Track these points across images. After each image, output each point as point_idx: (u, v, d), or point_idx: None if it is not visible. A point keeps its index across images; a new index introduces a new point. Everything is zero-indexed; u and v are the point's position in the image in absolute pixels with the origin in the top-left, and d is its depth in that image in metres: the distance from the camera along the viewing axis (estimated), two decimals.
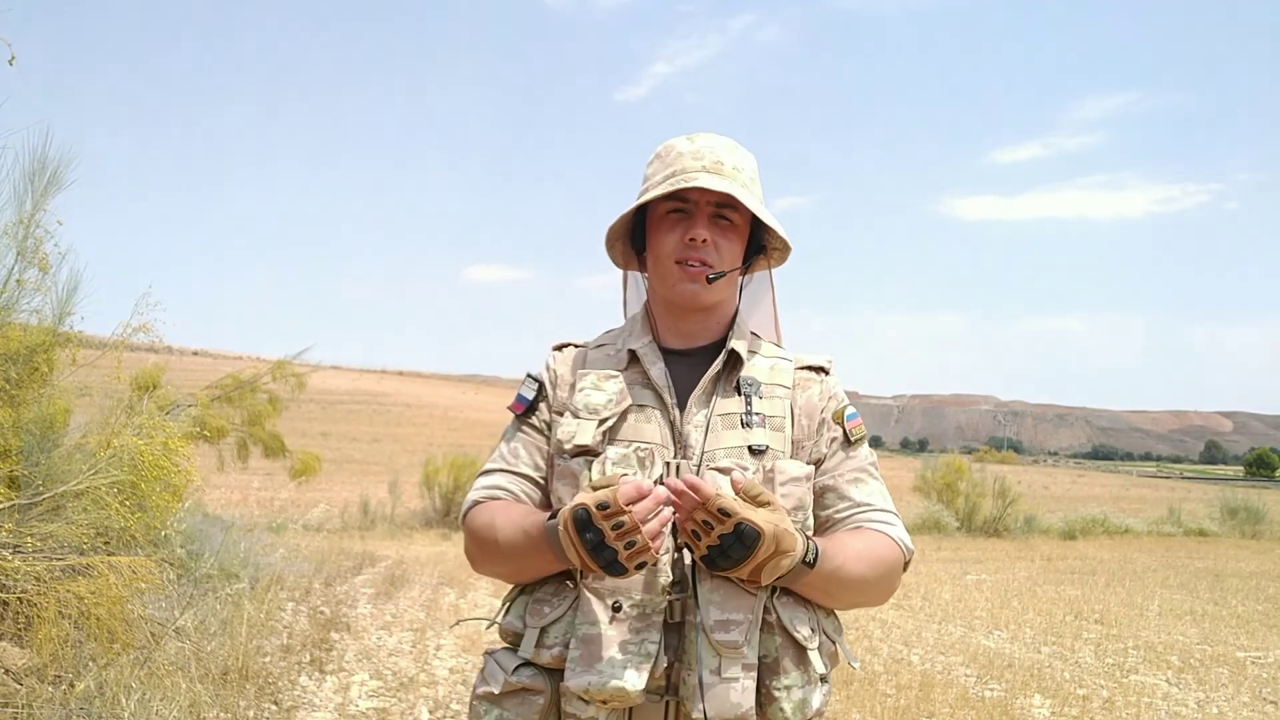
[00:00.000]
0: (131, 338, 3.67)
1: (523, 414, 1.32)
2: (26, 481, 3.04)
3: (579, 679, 1.09)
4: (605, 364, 1.29)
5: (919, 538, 12.17)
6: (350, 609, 5.79)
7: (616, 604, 1.12)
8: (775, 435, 1.22)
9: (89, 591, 2.90)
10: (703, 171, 1.21)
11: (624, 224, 1.29)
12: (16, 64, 2.51)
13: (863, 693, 4.33)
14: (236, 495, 11.32)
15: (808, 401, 1.27)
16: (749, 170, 1.26)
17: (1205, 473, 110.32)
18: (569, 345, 1.35)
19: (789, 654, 1.14)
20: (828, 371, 1.30)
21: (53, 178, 3.18)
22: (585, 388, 1.24)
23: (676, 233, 1.23)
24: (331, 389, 42.16)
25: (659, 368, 1.25)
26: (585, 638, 1.11)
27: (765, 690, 1.13)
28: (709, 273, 1.22)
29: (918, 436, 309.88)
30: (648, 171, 1.28)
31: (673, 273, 1.24)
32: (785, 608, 1.15)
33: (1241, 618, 6.99)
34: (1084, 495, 23.06)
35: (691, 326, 1.29)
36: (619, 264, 1.38)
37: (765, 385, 1.26)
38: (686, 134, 1.28)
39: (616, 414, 1.21)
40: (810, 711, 1.14)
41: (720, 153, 1.24)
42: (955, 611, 6.71)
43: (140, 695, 3.03)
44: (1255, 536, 14.77)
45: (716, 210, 1.23)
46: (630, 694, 1.08)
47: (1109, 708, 4.33)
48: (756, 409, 1.23)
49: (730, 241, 1.24)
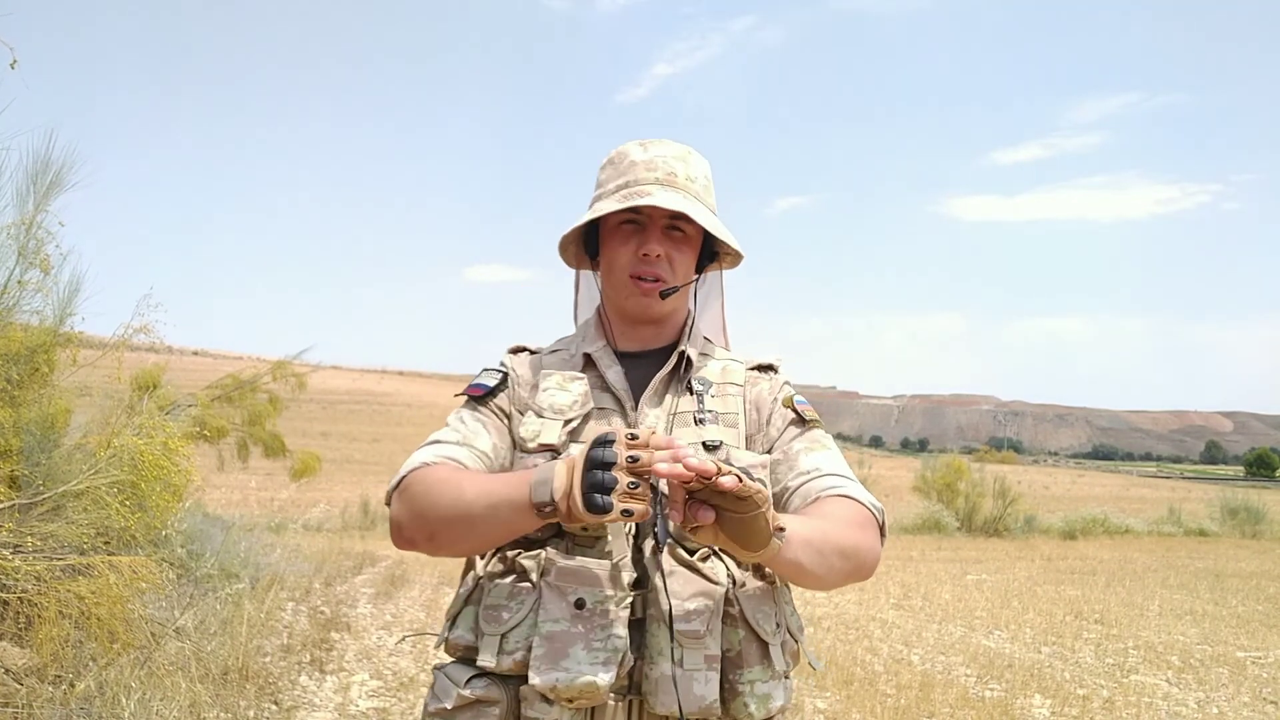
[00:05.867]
0: (132, 338, 3.67)
1: (480, 398, 1.28)
2: (27, 481, 3.04)
3: (545, 676, 1.07)
4: (561, 368, 1.29)
5: (919, 538, 12.17)
6: (350, 609, 5.79)
7: (580, 600, 1.10)
8: (728, 431, 1.23)
9: (89, 591, 2.90)
10: (656, 185, 1.21)
11: (577, 229, 1.29)
12: (20, 66, 2.52)
13: (863, 693, 4.33)
14: (236, 495, 11.33)
15: (758, 396, 1.28)
16: (702, 179, 1.27)
17: (1205, 473, 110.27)
18: (524, 350, 1.35)
19: (752, 648, 1.13)
20: (776, 369, 1.32)
21: (55, 180, 3.19)
22: (550, 388, 1.25)
23: (630, 245, 1.24)
24: (331, 389, 42.17)
25: (616, 370, 1.26)
26: (549, 635, 1.09)
27: (729, 684, 1.12)
28: (662, 289, 1.23)
29: (918, 436, 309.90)
30: (601, 177, 1.28)
31: (626, 286, 1.25)
32: (749, 600, 1.14)
33: (1241, 618, 6.99)
34: (1084, 495, 23.06)
35: (645, 333, 1.30)
36: (571, 265, 1.39)
37: (717, 385, 1.27)
38: (640, 140, 1.28)
39: (580, 415, 1.22)
40: (774, 707, 1.14)
41: (674, 163, 1.24)
42: (955, 611, 6.71)
43: (140, 695, 3.03)
44: (1255, 536, 14.77)
45: (670, 222, 1.24)
46: (599, 690, 1.07)
47: (1109, 708, 4.33)
48: (709, 406, 1.24)
49: (683, 254, 1.25)
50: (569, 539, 1.16)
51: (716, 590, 1.12)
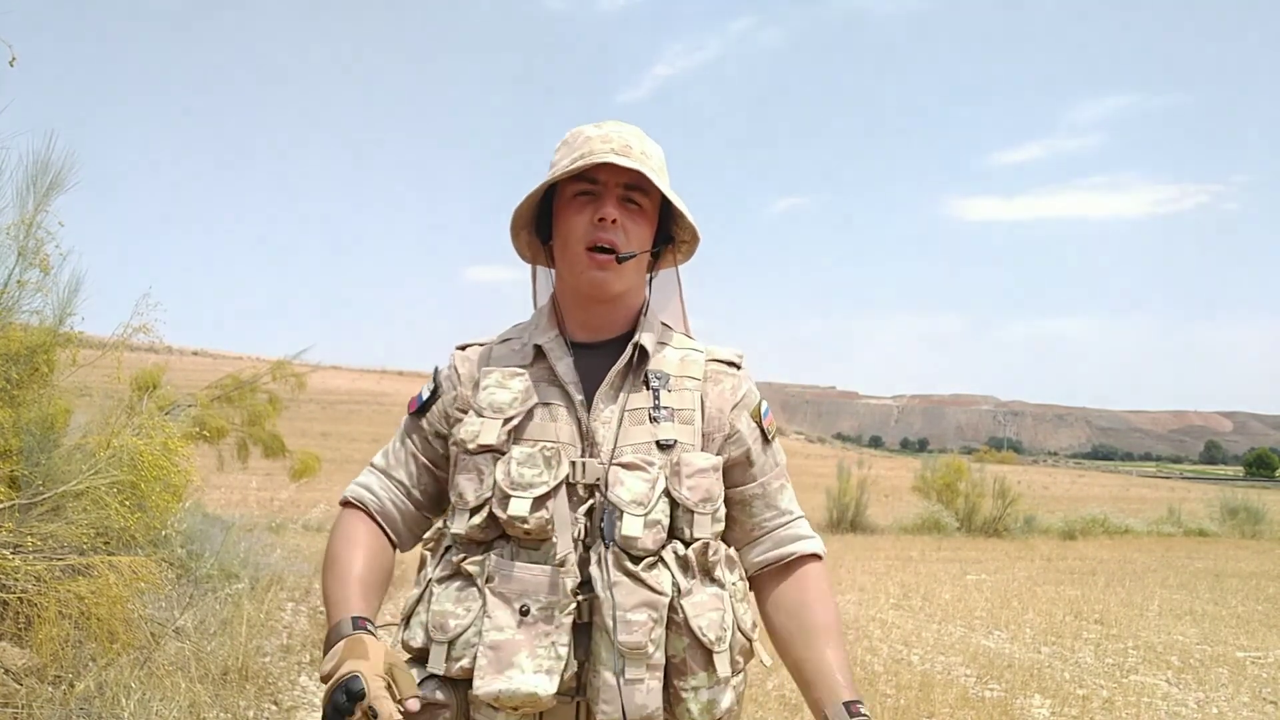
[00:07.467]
0: (132, 338, 3.67)
1: (415, 413, 1.29)
2: (27, 481, 3.04)
3: (489, 687, 1.07)
4: (511, 360, 1.25)
5: (919, 538, 12.17)
6: None
7: (524, 607, 1.10)
8: (684, 429, 1.21)
9: (89, 591, 2.90)
10: (611, 153, 1.18)
11: (529, 211, 1.26)
12: (19, 65, 2.52)
13: (862, 693, 4.32)
14: (236, 495, 11.32)
15: (719, 395, 1.25)
16: (657, 159, 1.24)
17: (1205, 473, 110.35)
18: (472, 344, 1.32)
19: (696, 655, 1.13)
20: (739, 366, 1.29)
21: (55, 180, 3.19)
22: (489, 385, 1.21)
23: (585, 214, 1.20)
24: (331, 389, 42.16)
25: (565, 363, 1.22)
26: (493, 644, 1.09)
27: (673, 690, 1.12)
28: (619, 254, 1.19)
29: (918, 436, 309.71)
30: (554, 158, 1.25)
31: (581, 259, 1.20)
32: (694, 608, 1.14)
33: (1241, 618, 7.00)
34: (1084, 495, 23.06)
35: (599, 318, 1.26)
36: (525, 256, 1.34)
37: (674, 378, 1.24)
38: (594, 122, 1.25)
39: (522, 413, 1.19)
40: (719, 711, 1.14)
41: (629, 137, 1.22)
42: (955, 612, 6.71)
43: (140, 695, 3.03)
44: (1255, 536, 14.77)
45: (625, 193, 1.21)
46: (542, 699, 1.07)
47: (1109, 708, 4.33)
48: (664, 403, 1.21)
49: (639, 225, 1.22)
50: (514, 543, 1.15)
51: (660, 600, 1.11)
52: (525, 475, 1.14)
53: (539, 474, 1.14)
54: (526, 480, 1.13)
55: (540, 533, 1.13)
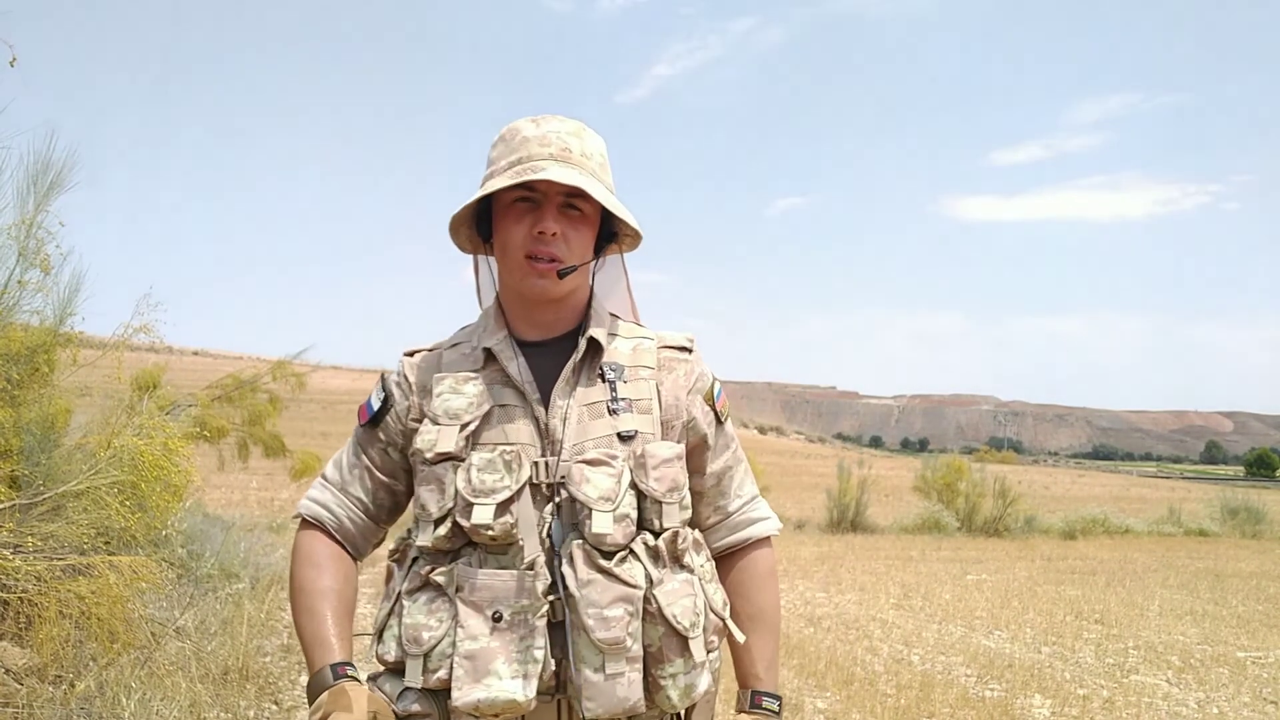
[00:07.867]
0: (132, 338, 3.67)
1: (368, 424, 1.28)
2: (27, 481, 3.04)
3: (468, 697, 1.07)
4: (462, 365, 1.23)
5: (919, 538, 12.16)
6: None
7: (497, 614, 1.10)
8: (643, 419, 1.20)
9: (90, 591, 2.90)
10: (550, 160, 1.16)
11: (468, 210, 1.23)
12: (20, 65, 2.52)
13: (863, 693, 4.33)
14: (236, 495, 11.32)
15: (674, 382, 1.25)
16: (598, 156, 1.21)
17: (1205, 473, 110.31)
18: (420, 350, 1.30)
19: (672, 643, 1.13)
20: (691, 350, 1.28)
21: (56, 180, 3.19)
22: (443, 392, 1.19)
23: (524, 224, 1.18)
24: (331, 389, 42.15)
25: (517, 363, 1.21)
26: (468, 654, 1.09)
27: (652, 679, 1.13)
28: (559, 268, 1.17)
29: (918, 436, 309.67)
30: (492, 155, 1.22)
31: (522, 267, 1.19)
32: (666, 597, 1.14)
33: (1242, 618, 6.99)
34: (1084, 495, 23.03)
35: (546, 317, 1.24)
36: (465, 249, 1.31)
37: (629, 368, 1.23)
38: (532, 116, 1.22)
39: (478, 417, 1.17)
40: (697, 694, 1.16)
41: (568, 138, 1.19)
42: (955, 611, 6.71)
43: (141, 695, 3.03)
44: (1255, 536, 14.76)
45: (566, 200, 1.18)
46: (522, 705, 1.08)
47: (1109, 708, 4.33)
48: (622, 394, 1.20)
49: (580, 232, 1.20)
50: (481, 549, 1.15)
51: (635, 594, 1.12)
52: (487, 481, 1.13)
53: (500, 479, 1.13)
54: (488, 486, 1.13)
55: (506, 538, 1.12)
